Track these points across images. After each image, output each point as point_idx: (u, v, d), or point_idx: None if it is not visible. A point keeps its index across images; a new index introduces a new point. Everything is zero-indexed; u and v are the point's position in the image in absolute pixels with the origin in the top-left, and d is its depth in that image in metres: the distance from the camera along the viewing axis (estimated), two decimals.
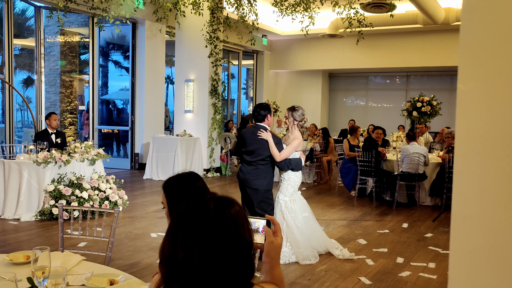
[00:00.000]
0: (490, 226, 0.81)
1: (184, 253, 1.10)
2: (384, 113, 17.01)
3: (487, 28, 0.81)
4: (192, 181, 1.95)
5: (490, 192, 0.80)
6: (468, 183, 0.83)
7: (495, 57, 0.80)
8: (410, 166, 7.72)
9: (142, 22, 11.33)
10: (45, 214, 6.35)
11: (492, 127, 0.80)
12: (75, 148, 6.91)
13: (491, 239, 0.81)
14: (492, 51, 0.81)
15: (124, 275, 2.23)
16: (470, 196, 0.83)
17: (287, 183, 4.91)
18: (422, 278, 4.51)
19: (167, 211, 1.96)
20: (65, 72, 13.04)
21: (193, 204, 1.17)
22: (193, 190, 1.92)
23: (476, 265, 0.82)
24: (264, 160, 4.76)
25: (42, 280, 1.82)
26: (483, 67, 0.81)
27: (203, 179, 2.02)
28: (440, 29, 13.06)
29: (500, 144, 0.79)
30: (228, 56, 15.15)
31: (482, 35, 0.81)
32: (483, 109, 0.81)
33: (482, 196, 0.81)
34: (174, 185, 1.95)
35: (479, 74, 0.82)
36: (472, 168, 0.82)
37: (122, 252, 5.09)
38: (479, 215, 0.82)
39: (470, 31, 0.83)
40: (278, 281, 1.39)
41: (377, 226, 6.56)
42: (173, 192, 1.93)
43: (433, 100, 10.51)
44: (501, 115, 0.79)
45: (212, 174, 11.02)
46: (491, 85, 0.80)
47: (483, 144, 0.81)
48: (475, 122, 0.82)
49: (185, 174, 2.00)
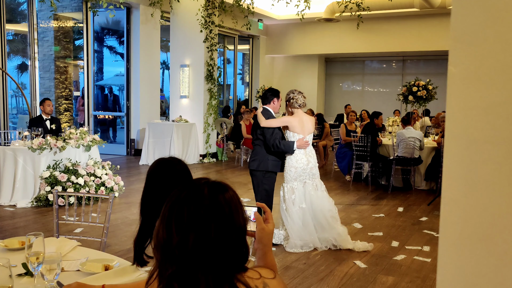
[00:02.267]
0: (479, 209, 0.81)
1: (179, 238, 1.11)
2: (381, 97, 17.00)
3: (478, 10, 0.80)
4: (174, 164, 1.95)
5: (479, 175, 0.80)
6: (458, 166, 0.83)
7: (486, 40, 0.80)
8: (406, 150, 7.74)
9: (136, 7, 11.21)
10: (41, 200, 6.35)
11: (482, 109, 0.80)
12: (70, 134, 6.88)
13: (480, 222, 0.81)
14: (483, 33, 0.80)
15: (119, 260, 2.24)
16: (460, 179, 0.83)
17: (287, 168, 4.77)
18: (417, 261, 4.56)
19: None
20: (59, 58, 12.93)
21: (187, 189, 1.17)
22: (174, 172, 1.92)
23: (465, 247, 0.83)
24: (258, 139, 4.76)
25: (36, 265, 1.82)
26: (474, 49, 0.81)
27: (185, 163, 2.01)
28: (436, 13, 12.99)
29: (490, 126, 0.79)
30: (224, 41, 15.05)
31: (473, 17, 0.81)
32: (473, 92, 0.81)
33: (472, 179, 0.81)
34: (155, 169, 1.95)
35: (470, 56, 0.81)
36: (461, 151, 0.82)
37: (118, 238, 5.11)
38: (468, 198, 0.82)
39: (461, 12, 0.82)
40: (271, 266, 1.40)
41: (373, 210, 6.60)
42: (153, 176, 1.94)
43: (429, 84, 10.50)
44: (491, 98, 0.79)
45: (208, 159, 11.03)
46: (482, 67, 0.80)
47: (473, 126, 0.81)
48: (465, 104, 0.81)
49: (167, 158, 2.00)
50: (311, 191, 4.77)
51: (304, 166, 4.71)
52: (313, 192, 4.77)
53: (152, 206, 1.88)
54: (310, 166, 4.73)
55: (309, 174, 4.75)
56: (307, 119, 4.84)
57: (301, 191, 4.75)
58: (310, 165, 4.74)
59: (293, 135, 4.74)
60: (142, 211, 1.92)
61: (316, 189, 4.79)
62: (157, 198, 1.87)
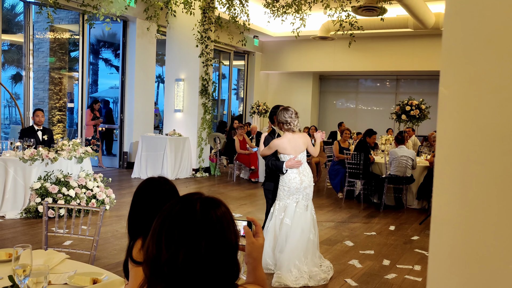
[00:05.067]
0: (468, 229, 0.81)
1: (168, 254, 1.09)
2: (374, 116, 17.10)
3: (469, 33, 0.82)
4: (160, 184, 1.95)
5: (469, 196, 0.81)
6: (448, 186, 0.83)
7: (477, 62, 0.81)
8: (398, 169, 7.76)
9: (133, 20, 11.27)
10: (31, 211, 6.29)
11: (472, 130, 0.81)
12: (63, 145, 6.85)
13: (470, 242, 0.81)
14: (474, 55, 0.81)
15: (108, 274, 2.21)
16: (450, 199, 0.83)
17: (280, 186, 4.64)
18: (408, 281, 4.54)
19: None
20: (54, 69, 12.93)
21: (179, 204, 1.15)
22: (160, 192, 1.92)
23: (455, 267, 0.83)
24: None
25: (23, 278, 1.79)
26: (465, 71, 0.82)
27: (172, 183, 2.00)
28: (430, 33, 13.17)
29: (480, 148, 0.80)
30: (219, 56, 15.14)
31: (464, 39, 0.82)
32: (464, 113, 0.82)
33: (461, 200, 0.82)
34: (142, 188, 1.95)
35: (461, 78, 0.83)
36: (452, 171, 0.83)
37: (108, 251, 5.05)
38: (458, 218, 0.83)
39: (453, 35, 0.83)
40: (261, 281, 1.39)
41: (364, 228, 6.59)
42: (139, 194, 1.94)
43: (422, 104, 10.59)
44: (481, 119, 0.80)
45: (201, 174, 10.99)
46: (473, 89, 0.81)
47: (463, 147, 0.81)
48: (455, 125, 0.82)
49: (155, 178, 2.00)
50: (300, 210, 4.58)
51: (298, 185, 4.54)
52: (301, 212, 4.58)
53: (138, 224, 1.88)
54: (303, 186, 4.55)
55: (302, 194, 4.58)
56: (297, 137, 4.63)
57: (292, 210, 4.59)
58: (304, 185, 4.55)
59: (284, 156, 4.61)
60: (129, 229, 1.92)
61: (306, 209, 4.61)
62: (143, 217, 1.87)
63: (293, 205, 4.59)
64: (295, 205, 4.59)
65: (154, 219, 1.16)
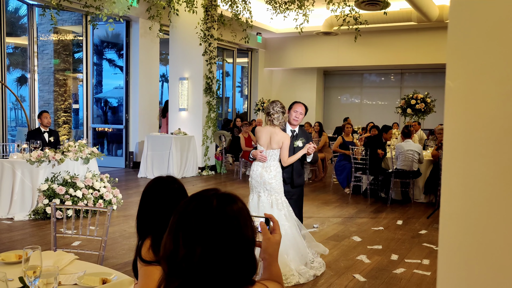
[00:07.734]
0: (477, 222, 0.81)
1: (185, 250, 1.09)
2: (379, 110, 17.04)
3: (475, 25, 0.81)
4: (169, 183, 1.95)
5: (477, 189, 0.81)
6: (456, 180, 0.83)
7: (483, 54, 0.80)
8: (405, 163, 7.74)
9: (136, 20, 11.29)
10: (39, 213, 6.33)
11: (480, 123, 0.80)
12: (69, 147, 6.88)
13: (478, 236, 0.81)
14: (480, 48, 0.81)
15: (117, 274, 2.22)
16: (458, 193, 0.83)
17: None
18: (417, 275, 4.53)
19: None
20: (58, 71, 12.98)
21: (196, 200, 1.15)
22: (169, 191, 1.93)
23: (464, 261, 0.82)
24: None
25: (33, 279, 1.81)
26: (471, 64, 0.82)
27: (181, 182, 2.01)
28: (434, 26, 13.09)
29: (487, 140, 0.79)
30: (223, 54, 15.13)
31: (470, 32, 0.81)
32: (471, 106, 0.81)
33: (470, 193, 0.81)
34: (150, 187, 1.95)
35: (467, 71, 0.82)
36: (460, 165, 0.82)
37: (116, 251, 5.08)
38: (467, 212, 0.82)
39: (458, 27, 0.83)
40: (277, 277, 1.39)
41: (372, 223, 6.58)
42: (148, 194, 1.94)
43: (427, 97, 10.54)
44: (488, 112, 0.79)
45: (207, 172, 11.01)
46: (479, 82, 0.81)
47: (471, 140, 0.81)
48: (462, 118, 0.82)
49: (164, 177, 2.00)
50: (266, 207, 4.50)
51: (257, 178, 4.54)
52: (268, 209, 4.49)
53: (147, 223, 1.89)
54: (263, 180, 4.51)
55: (263, 188, 4.54)
56: (276, 134, 4.54)
57: (255, 203, 4.56)
58: (264, 179, 4.51)
59: (259, 146, 4.62)
60: (138, 229, 1.93)
61: (271, 206, 4.50)
62: (152, 216, 1.88)
63: (256, 198, 4.58)
64: (258, 199, 4.56)
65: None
